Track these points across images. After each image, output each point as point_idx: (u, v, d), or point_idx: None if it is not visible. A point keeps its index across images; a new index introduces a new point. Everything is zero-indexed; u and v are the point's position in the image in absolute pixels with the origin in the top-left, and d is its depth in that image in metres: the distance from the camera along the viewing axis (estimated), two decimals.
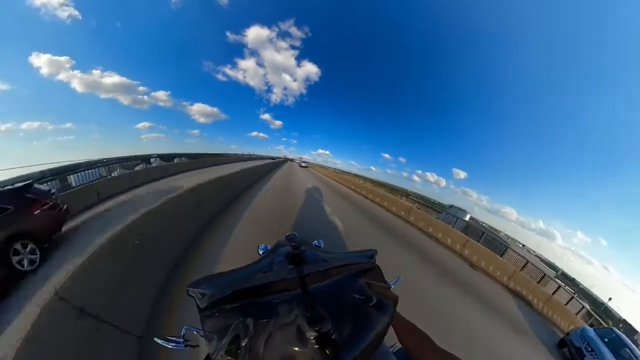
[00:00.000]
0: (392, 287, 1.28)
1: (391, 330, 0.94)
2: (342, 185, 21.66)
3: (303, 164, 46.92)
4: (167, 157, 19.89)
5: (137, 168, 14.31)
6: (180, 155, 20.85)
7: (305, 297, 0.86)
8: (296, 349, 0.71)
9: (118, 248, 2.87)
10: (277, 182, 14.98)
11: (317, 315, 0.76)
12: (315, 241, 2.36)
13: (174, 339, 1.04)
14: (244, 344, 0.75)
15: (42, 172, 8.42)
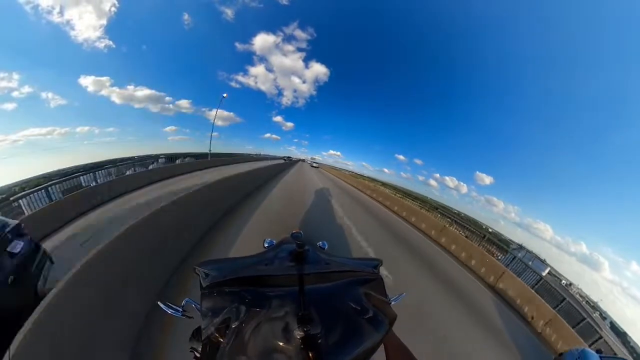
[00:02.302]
0: (393, 303, 1.22)
1: (381, 349, 0.88)
2: (365, 195, 18.35)
3: (314, 165, 48.80)
4: (171, 158, 18.75)
5: (128, 172, 13.11)
6: (184, 156, 19.64)
7: (300, 296, 0.86)
8: (280, 343, 0.72)
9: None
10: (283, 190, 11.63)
11: (308, 316, 0.75)
12: (320, 242, 2.24)
13: (174, 306, 1.09)
14: (233, 326, 0.80)
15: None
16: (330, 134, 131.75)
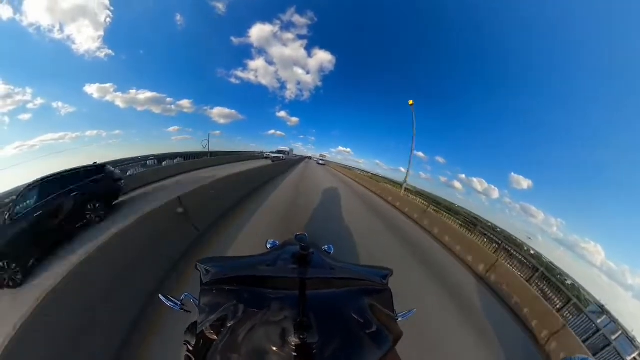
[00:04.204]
0: (400, 319, 1.14)
1: None
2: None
3: (321, 162, 46.83)
4: (159, 159, 16.71)
5: None
6: (173, 156, 17.53)
7: (300, 301, 0.83)
8: (274, 348, 0.70)
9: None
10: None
11: (306, 323, 0.73)
12: (326, 246, 2.17)
13: (173, 299, 1.10)
14: (228, 325, 0.79)
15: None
16: (339, 128, 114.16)
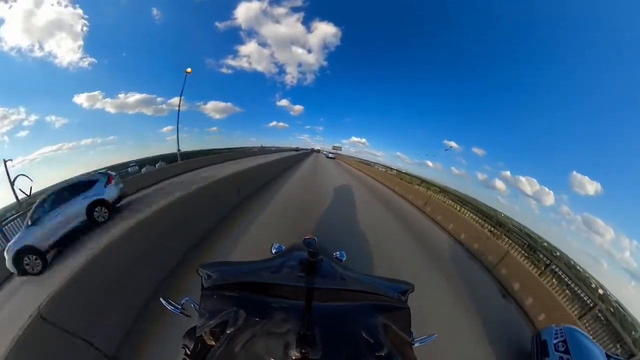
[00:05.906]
0: (417, 344, 1.03)
1: None
2: None
3: (330, 155, 41.79)
4: (140, 165, 14.95)
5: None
6: (153, 161, 15.72)
7: (305, 312, 0.80)
8: None
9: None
10: None
11: (310, 338, 0.69)
12: (337, 252, 2.07)
13: (174, 303, 1.08)
14: (228, 332, 0.77)
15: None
16: (351, 115, 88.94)
